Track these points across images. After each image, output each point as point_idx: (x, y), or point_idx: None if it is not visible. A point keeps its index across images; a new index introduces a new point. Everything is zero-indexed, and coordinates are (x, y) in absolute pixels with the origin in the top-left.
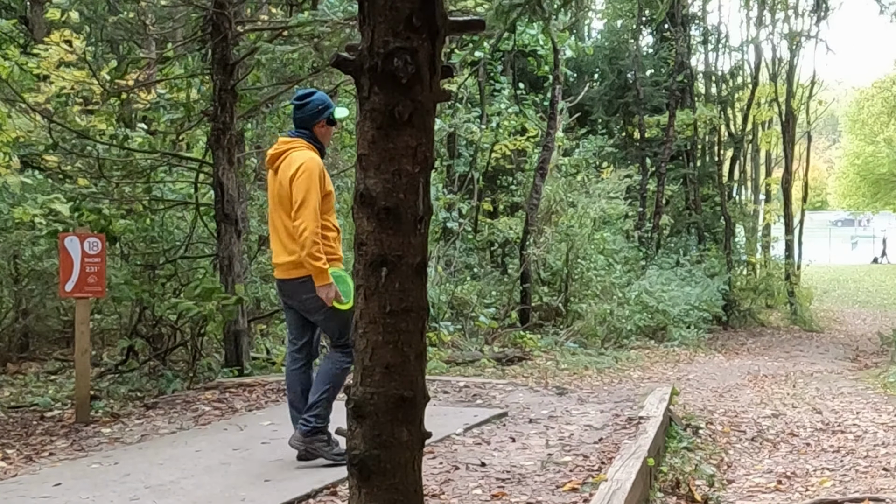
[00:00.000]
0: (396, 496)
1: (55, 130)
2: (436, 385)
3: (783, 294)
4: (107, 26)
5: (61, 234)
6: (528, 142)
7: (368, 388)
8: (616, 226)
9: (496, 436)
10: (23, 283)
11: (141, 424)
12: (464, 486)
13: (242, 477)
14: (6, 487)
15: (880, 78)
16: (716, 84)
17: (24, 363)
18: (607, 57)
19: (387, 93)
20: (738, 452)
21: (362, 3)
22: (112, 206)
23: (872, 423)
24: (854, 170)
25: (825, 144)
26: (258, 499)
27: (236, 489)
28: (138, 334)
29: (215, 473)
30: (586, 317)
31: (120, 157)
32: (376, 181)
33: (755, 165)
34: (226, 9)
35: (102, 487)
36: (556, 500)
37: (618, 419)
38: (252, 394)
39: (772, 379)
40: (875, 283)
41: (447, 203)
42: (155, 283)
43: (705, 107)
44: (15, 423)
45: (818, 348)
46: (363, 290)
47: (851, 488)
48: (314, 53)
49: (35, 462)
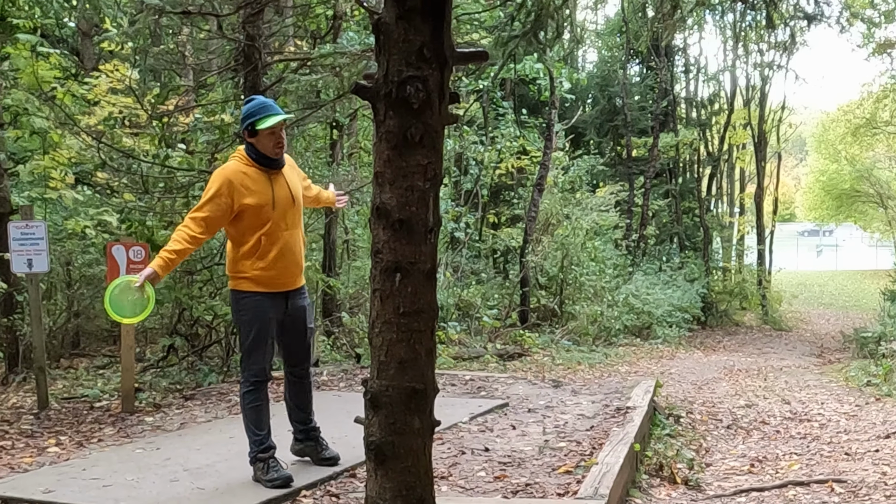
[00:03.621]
0: (409, 478)
1: (104, 150)
2: (444, 378)
3: (756, 297)
4: (150, 57)
5: (109, 243)
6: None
7: (384, 381)
8: (606, 236)
9: (498, 424)
10: (75, 287)
11: (180, 414)
12: (469, 469)
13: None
14: (59, 470)
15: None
16: (696, 109)
17: (75, 359)
18: (599, 85)
19: (401, 116)
20: (715, 439)
21: (378, 36)
22: (154, 218)
23: (835, 412)
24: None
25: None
26: None
27: None
28: (178, 333)
29: (247, 458)
30: (579, 317)
31: (162, 175)
32: (391, 196)
33: (731, 182)
34: (256, 41)
35: (146, 470)
36: (553, 482)
37: (607, 409)
38: (279, 386)
39: (745, 373)
40: (838, 287)
41: (455, 215)
42: (193, 287)
43: (686, 129)
44: (67, 412)
45: (787, 345)
46: (379, 293)
47: (817, 471)
48: (335, 81)
49: (85, 447)
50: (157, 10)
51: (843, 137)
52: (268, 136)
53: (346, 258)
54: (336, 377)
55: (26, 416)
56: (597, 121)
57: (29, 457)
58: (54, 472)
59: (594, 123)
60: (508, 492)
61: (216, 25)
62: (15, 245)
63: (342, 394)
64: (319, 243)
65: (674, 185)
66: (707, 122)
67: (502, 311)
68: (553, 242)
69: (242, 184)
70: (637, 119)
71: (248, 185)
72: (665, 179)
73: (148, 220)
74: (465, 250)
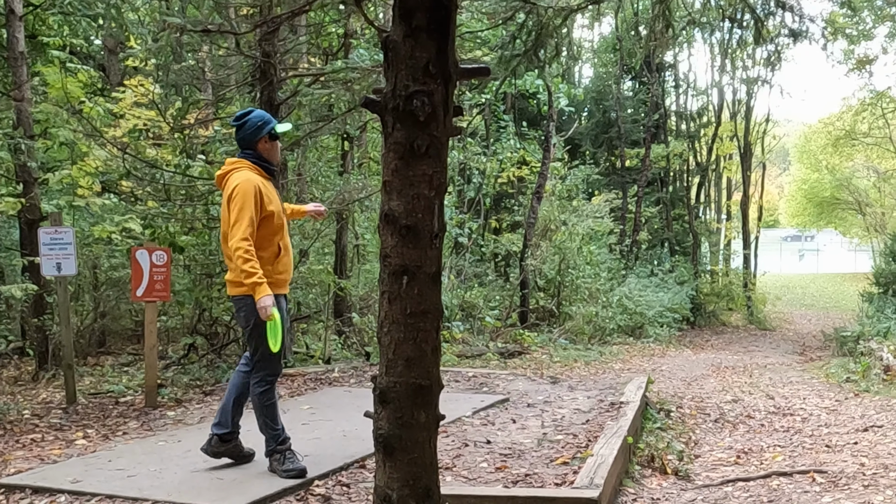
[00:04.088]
0: (415, 469)
1: (129, 161)
2: (448, 375)
3: (742, 298)
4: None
5: (133, 248)
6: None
7: (392, 377)
8: (601, 241)
9: (499, 418)
10: (101, 290)
11: (200, 408)
12: (472, 461)
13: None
14: (87, 461)
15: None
16: (685, 122)
17: (101, 357)
18: (594, 99)
19: (407, 129)
20: (703, 432)
21: (387, 53)
22: (176, 224)
23: (817, 407)
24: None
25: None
26: None
27: None
28: (198, 332)
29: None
30: (576, 317)
31: (183, 184)
32: (398, 203)
33: (718, 190)
34: (272, 58)
35: (167, 461)
36: (551, 472)
37: (602, 404)
38: (294, 382)
39: (732, 370)
40: (819, 289)
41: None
42: (212, 289)
43: (676, 141)
44: (94, 407)
45: (771, 344)
46: (387, 295)
47: (799, 462)
48: (346, 95)
49: (111, 440)
50: (178, 29)
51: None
52: (275, 144)
53: (357, 262)
54: (347, 374)
55: (55, 411)
56: (592, 133)
57: (58, 449)
58: (82, 463)
59: (590, 135)
60: (509, 482)
61: (234, 43)
62: (45, 250)
63: (352, 389)
64: (331, 248)
65: (665, 193)
66: (696, 133)
67: (503, 311)
68: (551, 247)
69: (266, 193)
70: (630, 131)
71: (267, 194)
72: (656, 188)
73: (170, 227)
74: (468, 255)
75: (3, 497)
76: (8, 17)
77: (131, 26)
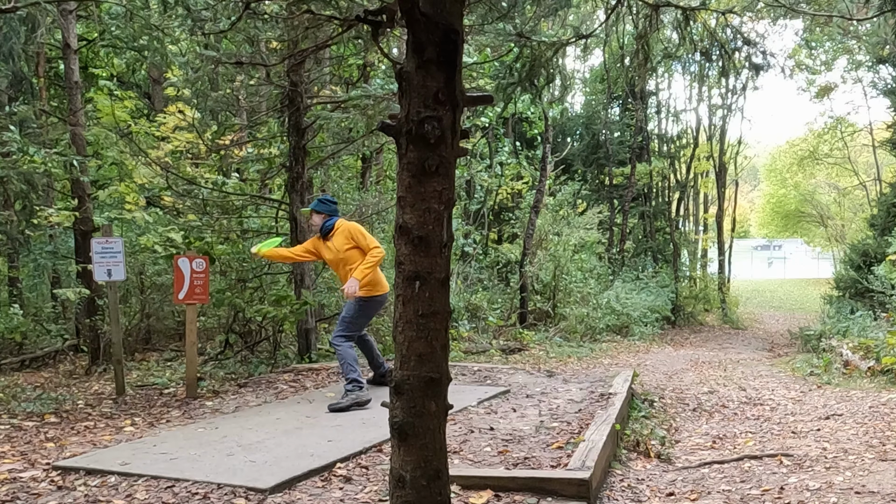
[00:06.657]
0: (427, 452)
1: (171, 178)
2: (456, 369)
3: (717, 301)
4: (209, 100)
5: (175, 256)
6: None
7: (405, 371)
8: (591, 250)
9: (501, 407)
10: (147, 293)
11: (235, 399)
12: (477, 446)
13: (312, 438)
14: (134, 446)
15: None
16: (666, 143)
17: (147, 353)
18: (584, 123)
19: (419, 150)
20: (682, 420)
21: (401, 83)
22: (213, 235)
23: (784, 397)
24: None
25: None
26: (323, 454)
27: (306, 447)
28: (233, 331)
29: (291, 435)
30: (569, 318)
31: (219, 199)
32: (411, 216)
33: (696, 204)
34: (299, 87)
35: (206, 446)
36: (547, 456)
37: (593, 395)
38: (319, 376)
39: (708, 364)
40: (786, 293)
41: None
42: (245, 292)
43: (658, 160)
44: (140, 397)
45: (743, 342)
46: (401, 298)
47: (768, 446)
48: (364, 120)
49: (156, 427)
50: (214, 61)
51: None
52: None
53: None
54: (365, 368)
55: (106, 401)
56: (583, 153)
57: (108, 435)
58: (130, 447)
59: (580, 156)
60: (510, 464)
61: (265, 74)
62: (96, 257)
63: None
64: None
65: (648, 207)
66: (676, 154)
67: (504, 312)
68: (546, 255)
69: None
70: (617, 151)
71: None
72: (640, 202)
73: (207, 237)
74: (474, 262)
75: (60, 478)
76: (64, 51)
77: (173, 58)
